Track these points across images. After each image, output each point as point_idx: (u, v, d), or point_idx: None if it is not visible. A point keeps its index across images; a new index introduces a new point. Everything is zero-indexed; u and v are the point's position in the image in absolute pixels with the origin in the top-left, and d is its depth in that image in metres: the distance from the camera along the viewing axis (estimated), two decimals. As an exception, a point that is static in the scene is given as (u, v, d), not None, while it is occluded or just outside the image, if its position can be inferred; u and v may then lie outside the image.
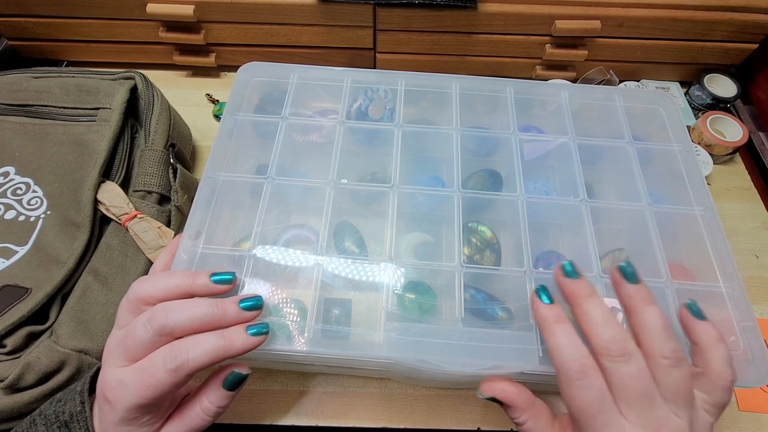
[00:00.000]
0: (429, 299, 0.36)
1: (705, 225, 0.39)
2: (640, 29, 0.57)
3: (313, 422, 0.40)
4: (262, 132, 0.44)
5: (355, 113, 0.45)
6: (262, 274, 0.36)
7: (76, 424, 0.30)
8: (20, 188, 0.42)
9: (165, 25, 0.58)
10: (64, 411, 0.31)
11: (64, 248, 0.39)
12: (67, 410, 0.31)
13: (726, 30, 0.56)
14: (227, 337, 0.29)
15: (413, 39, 0.58)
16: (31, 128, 0.44)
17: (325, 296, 0.35)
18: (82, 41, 0.61)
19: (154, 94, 0.48)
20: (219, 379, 0.31)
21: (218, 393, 0.31)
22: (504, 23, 0.56)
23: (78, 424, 0.30)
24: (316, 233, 0.39)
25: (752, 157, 0.60)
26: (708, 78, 0.61)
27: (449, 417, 0.41)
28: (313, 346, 0.33)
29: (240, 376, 0.31)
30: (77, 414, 0.30)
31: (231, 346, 0.29)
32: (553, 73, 0.62)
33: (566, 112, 0.45)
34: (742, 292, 0.35)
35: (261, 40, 0.59)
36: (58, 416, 0.31)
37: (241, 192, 0.41)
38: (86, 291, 0.39)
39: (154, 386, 0.27)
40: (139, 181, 0.44)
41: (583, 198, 0.40)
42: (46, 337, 0.36)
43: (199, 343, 0.28)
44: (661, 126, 0.45)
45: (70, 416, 0.30)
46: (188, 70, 0.65)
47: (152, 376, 0.27)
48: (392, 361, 0.33)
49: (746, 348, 0.33)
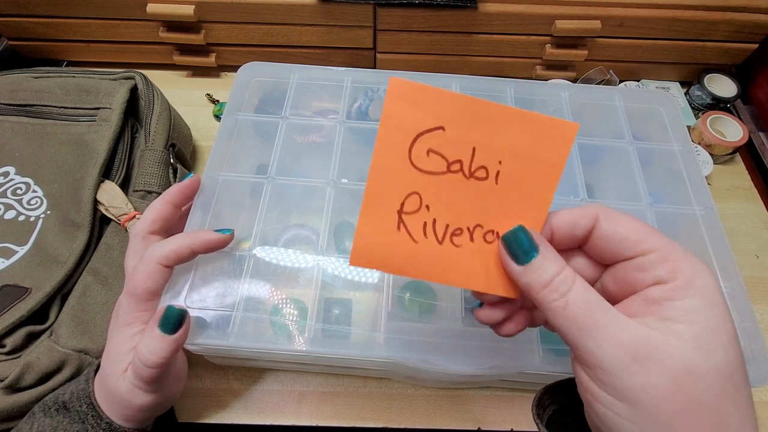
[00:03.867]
0: (429, 299, 0.36)
1: (705, 225, 0.39)
2: (640, 29, 0.57)
3: (313, 422, 0.40)
4: (262, 132, 0.44)
5: (355, 113, 0.45)
6: (262, 274, 0.36)
7: (77, 401, 0.30)
8: (20, 188, 0.42)
9: (165, 25, 0.58)
10: (64, 393, 0.31)
11: (64, 248, 0.39)
12: (68, 391, 0.31)
13: (726, 30, 0.56)
14: (193, 232, 0.33)
15: (413, 39, 0.58)
16: (32, 128, 0.44)
17: (326, 296, 0.35)
18: (82, 41, 0.61)
19: (154, 94, 0.48)
20: (155, 320, 0.30)
21: (154, 335, 0.29)
22: (504, 23, 0.56)
23: (78, 401, 0.30)
24: (316, 233, 0.39)
25: (752, 157, 0.60)
26: (708, 78, 0.61)
27: (449, 417, 0.41)
28: (313, 346, 0.33)
29: (174, 312, 0.30)
30: (79, 392, 0.31)
31: (195, 235, 0.32)
32: (553, 73, 0.62)
33: (566, 112, 0.45)
34: (742, 292, 0.35)
35: (261, 40, 0.59)
36: (57, 399, 0.31)
37: (241, 192, 0.41)
38: (86, 291, 0.39)
39: (132, 278, 0.31)
40: (139, 181, 0.44)
41: (584, 198, 0.40)
42: (46, 337, 0.36)
43: (169, 239, 0.32)
44: (661, 126, 0.45)
45: (69, 396, 0.31)
46: (188, 70, 0.65)
47: (132, 271, 0.31)
48: (392, 360, 0.33)
49: (746, 348, 0.33)
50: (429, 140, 0.23)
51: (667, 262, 0.21)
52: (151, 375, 0.29)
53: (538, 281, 0.22)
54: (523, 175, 0.24)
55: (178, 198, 0.36)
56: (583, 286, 0.21)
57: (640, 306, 0.21)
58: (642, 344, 0.19)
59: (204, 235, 0.32)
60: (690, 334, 0.19)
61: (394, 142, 0.23)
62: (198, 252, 0.32)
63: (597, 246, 0.23)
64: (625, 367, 0.19)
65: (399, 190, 0.24)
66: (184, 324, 0.30)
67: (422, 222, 0.24)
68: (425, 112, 0.23)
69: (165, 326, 0.29)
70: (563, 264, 0.22)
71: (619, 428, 0.20)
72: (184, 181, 0.36)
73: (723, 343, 0.19)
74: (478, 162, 0.24)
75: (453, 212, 0.24)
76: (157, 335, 0.29)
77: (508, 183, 0.24)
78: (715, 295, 0.20)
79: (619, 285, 0.23)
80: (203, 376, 0.42)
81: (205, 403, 0.41)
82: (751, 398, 0.20)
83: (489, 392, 0.42)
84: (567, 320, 0.21)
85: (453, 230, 0.25)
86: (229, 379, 0.42)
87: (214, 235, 0.33)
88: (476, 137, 0.23)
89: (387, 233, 0.24)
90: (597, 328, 0.20)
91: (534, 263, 0.22)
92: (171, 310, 0.30)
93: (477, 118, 0.23)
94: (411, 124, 0.23)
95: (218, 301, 0.34)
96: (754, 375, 0.32)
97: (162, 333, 0.29)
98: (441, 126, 0.23)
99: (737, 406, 0.19)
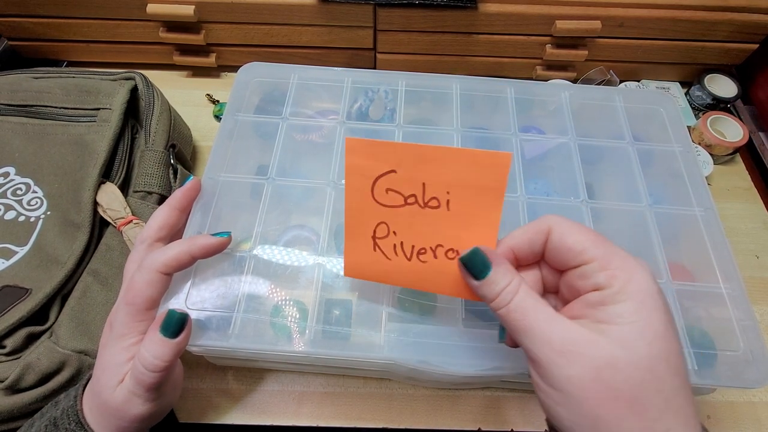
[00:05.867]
0: (429, 300, 0.36)
1: (705, 225, 0.39)
2: (641, 29, 0.57)
3: (313, 422, 0.40)
4: (262, 132, 0.44)
5: (355, 114, 0.45)
6: (262, 275, 0.36)
7: (65, 418, 0.30)
8: (20, 188, 0.42)
9: (165, 26, 0.58)
10: (57, 407, 0.31)
11: (64, 249, 0.39)
12: (60, 407, 0.31)
13: (726, 30, 0.56)
14: (191, 238, 0.33)
15: (413, 39, 0.58)
16: (32, 128, 0.44)
17: (326, 297, 0.35)
18: (83, 41, 0.61)
19: (154, 95, 0.48)
20: (156, 324, 0.30)
21: (155, 339, 0.29)
22: (504, 23, 0.56)
23: (67, 418, 0.30)
24: (316, 234, 0.39)
25: (752, 157, 0.60)
26: (708, 78, 0.61)
27: (449, 417, 0.41)
28: (313, 347, 0.33)
29: (175, 316, 0.30)
30: (68, 409, 0.30)
31: (194, 241, 0.32)
32: (553, 73, 0.62)
33: (566, 113, 0.45)
34: (742, 292, 0.35)
35: (261, 40, 0.59)
36: (51, 415, 0.31)
37: (241, 192, 0.41)
38: (86, 292, 0.39)
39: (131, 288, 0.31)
40: (139, 182, 0.44)
41: (584, 199, 0.40)
42: (46, 337, 0.36)
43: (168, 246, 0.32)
44: (661, 126, 0.45)
45: (60, 413, 0.31)
46: (188, 71, 0.65)
47: (130, 280, 0.31)
48: (393, 361, 0.33)
49: (746, 348, 0.33)
50: (386, 181, 0.29)
51: (604, 271, 0.24)
52: (153, 380, 0.29)
53: (491, 293, 0.25)
54: (470, 200, 0.28)
55: (182, 203, 0.36)
56: (525, 294, 0.25)
57: (580, 309, 0.24)
58: (569, 341, 0.23)
59: (202, 240, 0.32)
60: (617, 334, 0.22)
61: (359, 186, 0.29)
62: (198, 257, 0.32)
63: (549, 256, 0.27)
64: (552, 360, 0.23)
65: (370, 221, 0.30)
66: (185, 328, 0.30)
67: (392, 244, 0.30)
68: (378, 160, 0.29)
69: (167, 330, 0.29)
70: (512, 276, 0.25)
71: (555, 413, 0.23)
72: (186, 185, 0.36)
73: (648, 340, 0.22)
74: (429, 194, 0.29)
75: (415, 235, 0.30)
76: (159, 339, 0.29)
77: (458, 208, 0.28)
78: (645, 297, 0.23)
79: (569, 290, 0.26)
80: (203, 377, 0.42)
81: (205, 404, 0.41)
82: (683, 388, 0.22)
83: (489, 392, 0.42)
84: (509, 323, 0.25)
85: (418, 249, 0.30)
86: (230, 379, 0.42)
87: (213, 240, 0.33)
88: (424, 175, 0.28)
89: (366, 253, 0.31)
90: (532, 329, 0.24)
91: (488, 278, 0.26)
92: (172, 314, 0.30)
93: (422, 159, 0.28)
94: (369, 171, 0.29)
95: (219, 303, 0.34)
96: (753, 375, 0.32)
97: (163, 337, 0.29)
98: (393, 169, 0.29)
99: (660, 394, 0.22)
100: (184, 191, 0.36)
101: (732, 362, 0.33)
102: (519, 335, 0.24)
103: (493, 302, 0.25)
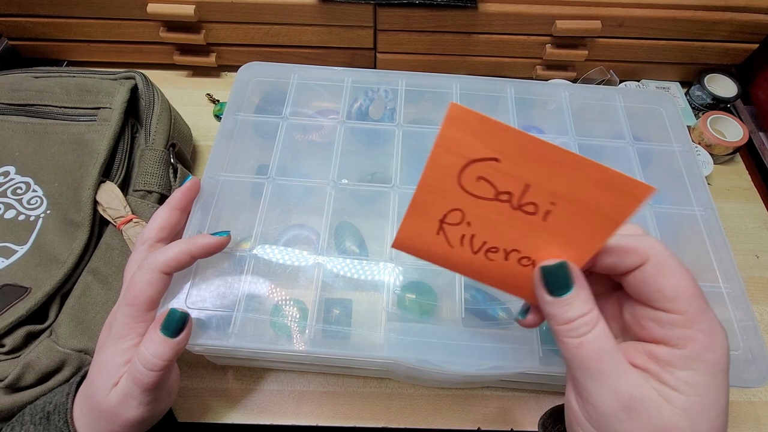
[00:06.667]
0: (429, 299, 0.36)
1: (705, 225, 0.39)
2: (641, 29, 0.57)
3: (313, 422, 0.40)
4: (262, 132, 0.44)
5: (355, 113, 0.45)
6: (262, 274, 0.36)
7: (57, 414, 0.30)
8: (20, 187, 0.42)
9: (165, 25, 0.58)
10: (51, 400, 0.31)
11: (64, 248, 0.39)
12: (54, 401, 0.31)
13: (726, 30, 0.56)
14: (191, 238, 0.33)
15: (413, 39, 0.58)
16: (32, 128, 0.44)
17: (326, 296, 0.35)
18: (83, 41, 0.61)
19: (154, 94, 0.48)
20: (157, 323, 0.30)
21: (155, 338, 0.29)
22: (504, 23, 0.56)
23: (58, 414, 0.30)
24: (316, 233, 0.39)
25: (752, 157, 0.60)
26: (708, 78, 0.61)
27: (449, 417, 0.41)
28: (313, 346, 0.33)
29: (176, 315, 0.30)
30: (60, 405, 0.30)
31: (193, 241, 0.32)
32: (553, 73, 0.62)
33: (566, 112, 0.45)
34: (742, 292, 0.35)
35: (261, 40, 0.59)
36: (45, 407, 0.31)
37: (241, 192, 0.41)
38: (86, 290, 0.39)
39: (131, 288, 0.30)
40: (139, 181, 0.44)
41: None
42: (46, 336, 0.36)
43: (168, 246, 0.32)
44: (661, 126, 0.45)
45: (54, 407, 0.30)
46: (188, 70, 0.65)
47: (130, 280, 0.31)
48: (393, 361, 0.33)
49: (746, 348, 0.33)
50: (481, 168, 0.24)
51: (685, 329, 0.22)
52: (151, 380, 0.29)
53: (563, 316, 0.23)
54: (575, 221, 0.24)
55: (182, 202, 0.36)
56: (602, 332, 0.22)
57: (644, 359, 0.23)
58: (637, 399, 0.21)
59: (202, 240, 0.32)
60: (681, 403, 0.21)
61: (446, 163, 0.24)
62: (197, 257, 0.32)
63: (628, 283, 0.24)
64: (614, 413, 0.21)
65: (443, 204, 0.26)
66: (186, 327, 0.30)
67: (461, 234, 0.26)
68: (481, 141, 0.23)
69: (167, 329, 0.29)
70: (591, 306, 0.23)
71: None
72: (185, 185, 0.36)
73: (711, 417, 0.21)
74: (529, 198, 0.24)
75: (492, 233, 0.26)
76: (159, 338, 0.29)
77: (557, 224, 0.24)
78: (718, 371, 0.21)
79: (632, 318, 0.24)
80: (203, 376, 0.42)
81: (205, 403, 0.41)
82: None
83: (489, 392, 0.42)
84: (576, 357, 0.22)
85: (489, 247, 0.26)
86: (229, 379, 0.42)
87: (212, 239, 0.33)
88: (532, 175, 0.24)
89: (427, 234, 0.27)
90: (601, 374, 0.22)
91: (564, 299, 0.23)
92: (174, 313, 0.30)
93: (536, 157, 0.23)
94: (465, 150, 0.24)
95: (219, 302, 0.34)
96: (753, 375, 0.32)
97: (164, 336, 0.29)
98: (496, 157, 0.24)
99: None
100: (184, 191, 0.36)
101: (732, 362, 0.33)
102: (583, 373, 0.22)
103: (563, 327, 0.23)
